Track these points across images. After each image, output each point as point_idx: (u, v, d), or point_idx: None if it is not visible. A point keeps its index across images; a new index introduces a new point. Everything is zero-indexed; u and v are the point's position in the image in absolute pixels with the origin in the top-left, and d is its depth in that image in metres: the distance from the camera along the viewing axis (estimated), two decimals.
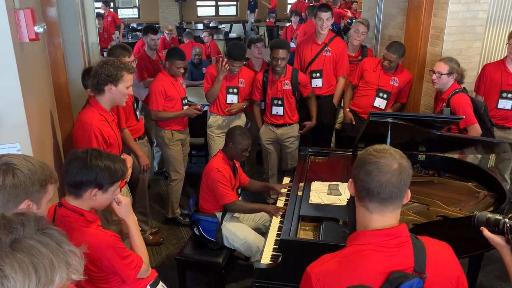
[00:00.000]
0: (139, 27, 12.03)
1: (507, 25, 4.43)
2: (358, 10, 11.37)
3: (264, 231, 3.11)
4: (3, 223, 0.99)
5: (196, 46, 6.92)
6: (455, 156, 3.41)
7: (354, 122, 4.21)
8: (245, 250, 3.11)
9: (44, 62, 3.14)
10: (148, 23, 11.20)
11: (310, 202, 2.81)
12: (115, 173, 1.93)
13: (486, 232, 1.51)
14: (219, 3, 15.72)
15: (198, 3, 15.46)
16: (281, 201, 3.19)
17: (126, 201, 2.07)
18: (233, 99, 4.15)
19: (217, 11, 15.82)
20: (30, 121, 2.13)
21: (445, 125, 3.12)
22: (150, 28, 5.07)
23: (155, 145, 4.71)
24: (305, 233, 2.60)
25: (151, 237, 3.94)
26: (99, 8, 9.39)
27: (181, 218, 4.24)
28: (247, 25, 14.01)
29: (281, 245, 2.44)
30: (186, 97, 4.07)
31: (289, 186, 3.25)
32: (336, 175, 3.17)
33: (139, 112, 3.78)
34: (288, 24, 9.78)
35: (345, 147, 3.69)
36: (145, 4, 14.64)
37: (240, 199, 3.27)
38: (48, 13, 3.25)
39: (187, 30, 9.69)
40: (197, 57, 6.57)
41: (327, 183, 3.02)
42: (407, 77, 4.11)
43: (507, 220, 1.46)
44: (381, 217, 1.38)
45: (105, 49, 6.90)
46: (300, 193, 2.93)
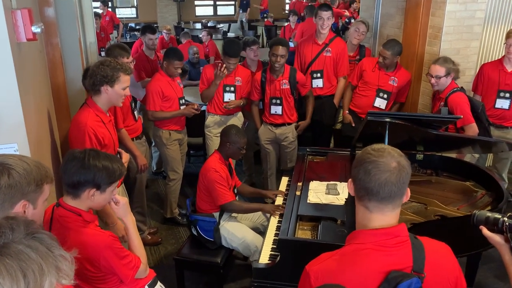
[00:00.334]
0: (137, 27, 12.01)
1: (504, 25, 4.44)
2: (357, 10, 11.35)
3: (262, 231, 3.11)
4: None
5: (193, 45, 6.93)
6: (453, 155, 3.42)
7: (354, 124, 4.19)
8: (243, 249, 3.11)
9: (42, 62, 3.13)
10: (146, 22, 11.20)
11: (308, 201, 2.82)
12: (113, 173, 1.93)
13: (485, 231, 1.52)
14: (217, 2, 15.71)
15: (196, 2, 15.45)
16: (279, 200, 3.19)
17: (124, 201, 2.07)
18: (230, 97, 4.16)
19: (215, 10, 15.82)
20: (27, 121, 2.12)
21: (443, 124, 3.12)
22: (148, 28, 5.06)
23: (153, 145, 4.70)
24: (303, 233, 2.60)
25: (149, 237, 3.94)
26: (97, 8, 9.36)
27: (180, 218, 4.24)
28: (237, 24, 13.91)
29: (279, 244, 2.44)
30: (183, 97, 4.07)
31: (283, 193, 3.25)
32: (334, 174, 3.17)
33: (137, 112, 3.78)
34: (286, 24, 9.79)
35: (343, 147, 3.70)
36: (143, 4, 14.62)
37: (237, 198, 3.26)
38: (46, 13, 3.24)
39: (184, 30, 9.68)
40: (196, 56, 6.57)
41: (325, 183, 3.02)
42: (407, 76, 4.10)
43: (506, 219, 1.47)
44: (381, 216, 1.38)
45: (102, 49, 6.88)
46: (298, 193, 2.94)
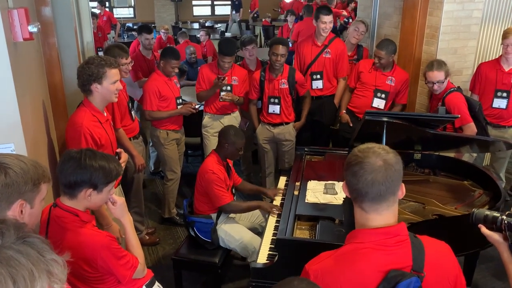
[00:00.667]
0: (134, 27, 11.99)
1: (501, 24, 4.45)
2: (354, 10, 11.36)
3: (260, 231, 3.10)
4: None
5: (191, 45, 6.92)
6: (451, 155, 3.43)
7: (351, 124, 4.19)
8: (241, 250, 3.10)
9: (39, 62, 3.12)
10: (143, 22, 11.18)
11: (306, 201, 2.82)
12: (109, 173, 1.92)
13: (484, 229, 1.52)
14: (215, 2, 15.72)
15: (194, 2, 15.46)
16: (278, 199, 3.19)
17: (121, 201, 2.07)
18: None
19: (213, 10, 15.83)
20: (24, 121, 2.11)
21: (441, 124, 3.12)
22: (144, 28, 5.07)
23: (150, 145, 4.69)
24: (302, 232, 2.60)
25: (147, 237, 3.93)
26: (94, 8, 9.34)
27: (178, 218, 4.23)
28: (230, 24, 13.86)
29: (277, 244, 2.44)
30: (180, 96, 4.06)
31: (282, 192, 3.25)
32: (332, 174, 3.17)
33: (134, 112, 3.77)
34: (284, 24, 9.80)
35: (340, 147, 3.69)
36: (140, 4, 14.62)
37: (234, 198, 3.26)
38: (43, 12, 3.23)
39: (182, 30, 9.67)
40: (193, 56, 6.56)
41: (323, 182, 3.02)
42: (404, 76, 4.08)
43: (504, 217, 1.47)
44: (378, 216, 1.38)
45: (99, 49, 6.87)
46: (296, 192, 2.94)
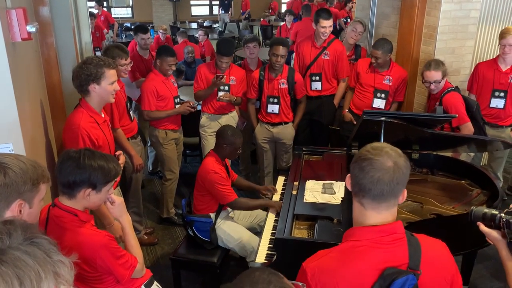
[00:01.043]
0: (132, 27, 11.96)
1: (499, 24, 4.46)
2: (354, 10, 11.37)
3: (259, 231, 3.11)
4: None
5: (189, 45, 6.93)
6: (449, 154, 3.44)
7: (355, 122, 4.18)
8: (240, 250, 3.11)
9: (37, 62, 3.12)
10: (141, 22, 11.18)
11: (304, 201, 2.82)
12: (108, 172, 1.92)
13: (483, 227, 1.54)
14: (213, 2, 15.69)
15: (192, 2, 15.45)
16: (276, 197, 3.19)
17: (119, 200, 2.07)
18: None
19: (211, 10, 15.80)
20: (22, 121, 2.11)
21: (438, 123, 3.13)
22: (139, 28, 5.11)
23: (149, 144, 4.69)
24: (300, 232, 2.61)
25: (145, 237, 3.93)
26: (92, 8, 9.33)
27: (176, 218, 4.23)
28: (220, 24, 13.78)
29: (275, 244, 2.45)
30: (178, 95, 4.07)
31: (275, 190, 3.25)
32: (331, 174, 3.17)
33: (132, 112, 3.77)
34: (282, 23, 9.80)
35: (340, 147, 3.70)
36: (138, 4, 14.58)
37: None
38: (41, 12, 3.23)
39: (181, 29, 9.66)
40: (190, 56, 6.57)
41: (321, 182, 3.02)
42: (401, 73, 4.08)
43: (503, 215, 1.48)
44: (376, 214, 1.39)
45: (97, 49, 6.86)
46: (294, 192, 2.94)
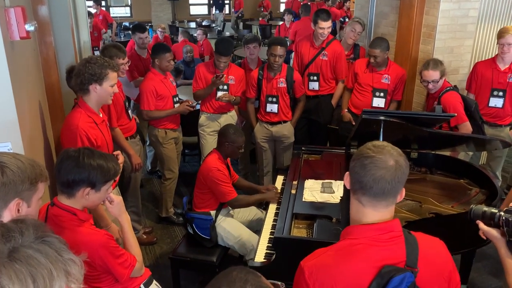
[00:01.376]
0: (131, 26, 11.94)
1: (498, 23, 4.47)
2: (351, 9, 11.36)
3: (258, 229, 3.11)
4: (1, 231, 0.96)
5: (188, 44, 6.93)
6: (447, 153, 3.44)
7: (354, 122, 4.19)
8: (239, 248, 3.11)
9: (36, 61, 3.11)
10: (140, 21, 11.15)
11: (303, 200, 2.82)
12: (107, 172, 1.92)
13: (482, 225, 1.54)
14: (212, 1, 15.67)
15: (191, 1, 15.43)
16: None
17: (118, 199, 2.07)
18: None
19: (209, 9, 15.78)
20: (21, 120, 2.11)
21: (437, 122, 3.14)
22: (137, 27, 5.10)
23: (147, 144, 4.69)
24: (299, 231, 2.61)
25: (144, 237, 3.93)
26: (90, 7, 9.31)
27: (175, 217, 4.23)
28: (216, 23, 13.78)
29: (275, 243, 2.45)
30: (177, 94, 4.06)
31: (276, 188, 3.25)
32: (330, 173, 3.18)
33: (131, 111, 3.76)
34: (281, 23, 9.79)
35: (339, 146, 3.70)
36: (137, 3, 14.57)
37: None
38: (39, 11, 3.22)
39: (181, 28, 9.65)
40: (189, 55, 6.57)
41: (320, 181, 3.03)
42: (399, 72, 4.08)
43: (502, 213, 1.49)
44: (374, 212, 1.39)
45: (95, 48, 6.86)
46: (293, 191, 2.94)
